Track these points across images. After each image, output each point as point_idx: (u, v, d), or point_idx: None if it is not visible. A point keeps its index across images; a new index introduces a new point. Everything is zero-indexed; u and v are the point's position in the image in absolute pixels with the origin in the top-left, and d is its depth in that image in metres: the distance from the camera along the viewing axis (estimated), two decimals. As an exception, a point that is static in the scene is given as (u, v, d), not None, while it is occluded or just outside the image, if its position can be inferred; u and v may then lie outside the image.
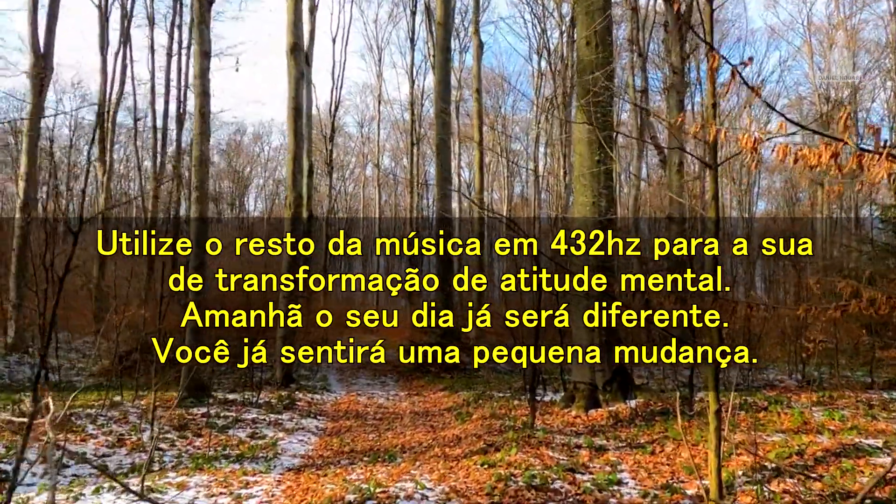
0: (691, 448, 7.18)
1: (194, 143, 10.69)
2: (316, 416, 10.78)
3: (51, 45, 19.23)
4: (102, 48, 24.93)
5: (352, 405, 11.92)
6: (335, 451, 8.43)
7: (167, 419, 9.87)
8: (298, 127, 13.05)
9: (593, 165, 9.84)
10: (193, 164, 10.67)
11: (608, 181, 10.06)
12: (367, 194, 48.70)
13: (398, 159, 45.75)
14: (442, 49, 17.42)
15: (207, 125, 10.78)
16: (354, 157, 51.11)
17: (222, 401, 10.84)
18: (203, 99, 10.65)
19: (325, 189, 31.86)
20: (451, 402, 11.90)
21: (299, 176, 13.16)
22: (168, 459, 7.77)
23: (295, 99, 13.03)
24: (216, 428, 9.37)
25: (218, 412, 10.19)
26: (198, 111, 10.64)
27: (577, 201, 10.13)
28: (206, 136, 10.66)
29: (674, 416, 8.85)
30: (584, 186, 10.03)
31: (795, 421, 8.04)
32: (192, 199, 10.67)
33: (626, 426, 8.65)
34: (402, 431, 9.59)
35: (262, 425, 9.76)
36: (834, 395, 9.49)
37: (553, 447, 7.45)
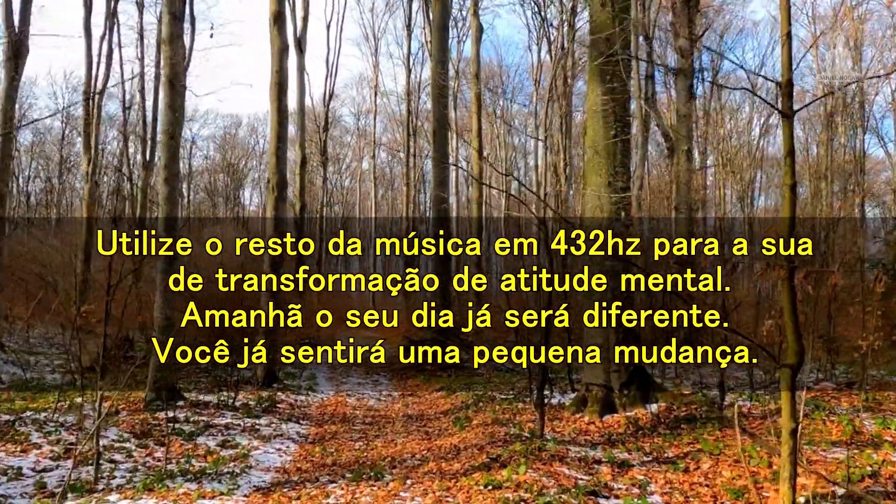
0: (732, 465, 5.99)
1: (163, 117, 9.45)
2: (298, 420, 9.56)
3: (26, 23, 17.95)
4: (87, 32, 23.60)
5: (339, 407, 10.71)
6: (316, 462, 7.22)
7: (128, 425, 8.65)
8: (282, 104, 11.82)
9: (608, 139, 8.64)
10: (161, 140, 9.44)
11: (625, 159, 8.85)
12: (364, 189, 47.43)
13: (395, 153, 44.49)
14: (439, 27, 16.19)
15: (179, 97, 9.54)
16: (351, 151, 49.90)
17: (195, 403, 9.62)
18: (172, 68, 9.41)
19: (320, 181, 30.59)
20: (449, 405, 10.70)
21: (283, 157, 11.94)
22: (120, 475, 6.55)
23: (279, 73, 11.79)
24: (183, 435, 8.15)
25: (188, 416, 8.97)
26: (166, 80, 9.40)
27: (590, 181, 8.92)
28: (175, 109, 9.43)
29: (702, 423, 7.66)
30: (597, 164, 8.81)
31: (846, 431, 6.85)
32: (160, 180, 9.43)
33: (648, 435, 7.46)
34: (394, 439, 8.38)
35: (236, 432, 8.54)
36: (879, 399, 8.32)
37: (568, 462, 6.24)
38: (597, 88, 8.73)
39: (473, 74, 20.54)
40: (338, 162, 50.12)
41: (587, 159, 9.04)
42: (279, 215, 11.79)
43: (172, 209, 9.45)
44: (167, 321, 9.36)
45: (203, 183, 51.40)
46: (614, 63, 8.51)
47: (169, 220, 9.43)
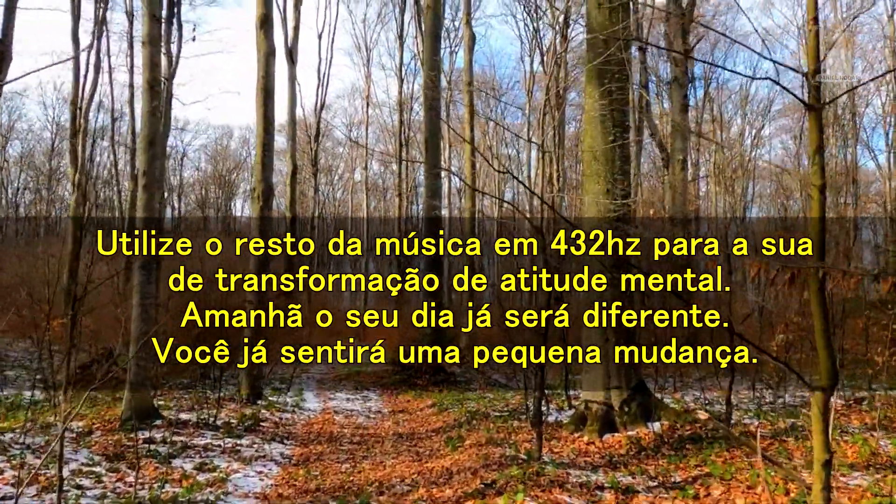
0: (746, 492, 5.54)
1: (143, 122, 8.99)
2: (283, 439, 9.04)
3: (9, 29, 17.43)
4: (75, 41, 23.15)
5: (326, 425, 10.20)
6: (298, 488, 6.72)
7: (100, 446, 8.13)
8: (269, 110, 11.38)
9: (607, 144, 8.23)
10: (140, 145, 8.98)
11: (625, 165, 8.45)
12: (357, 201, 46.96)
13: (387, 164, 44.09)
14: (431, 35, 15.82)
15: (158, 101, 9.09)
16: (343, 163, 49.48)
17: (174, 422, 9.09)
18: (152, 71, 8.96)
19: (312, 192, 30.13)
20: (441, 422, 10.21)
21: (269, 164, 11.47)
22: (85, 503, 6.05)
23: (265, 79, 11.36)
24: (158, 457, 7.63)
25: (165, 436, 8.45)
26: (146, 83, 8.95)
27: (588, 189, 8.50)
28: (154, 113, 8.97)
29: (708, 443, 7.21)
30: (595, 173, 8.40)
31: (862, 452, 6.41)
32: (140, 186, 8.96)
33: (652, 456, 7.00)
34: (382, 460, 7.88)
35: (216, 453, 8.02)
36: (891, 416, 7.90)
37: (569, 489, 5.77)
38: (594, 92, 8.33)
39: (466, 83, 20.20)
40: (330, 173, 49.73)
41: (585, 166, 8.63)
42: (264, 225, 11.32)
43: (152, 216, 8.97)
44: (144, 335, 8.85)
45: (194, 195, 50.85)
46: (612, 65, 8.12)
47: (148, 225, 8.94)
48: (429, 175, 15.62)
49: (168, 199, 51.23)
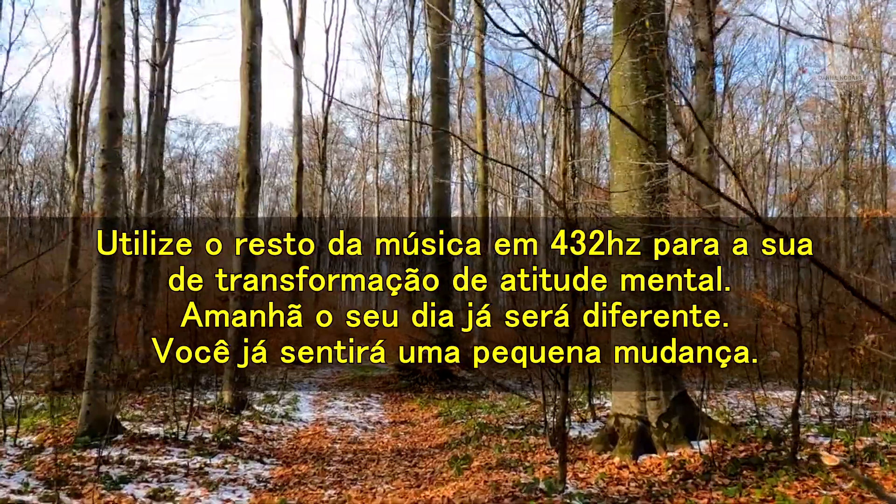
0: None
1: (102, 92, 7.72)
2: (262, 457, 7.68)
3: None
4: (75, 35, 22.13)
5: (316, 439, 8.82)
6: (266, 523, 5.37)
7: (44, 467, 6.81)
8: (254, 85, 10.07)
9: (638, 109, 6.82)
10: (99, 120, 7.69)
11: (660, 134, 7.01)
12: (369, 202, 45.72)
13: (400, 165, 42.82)
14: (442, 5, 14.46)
15: (120, 69, 7.80)
16: (355, 164, 48.29)
17: (137, 437, 7.76)
18: (113, 34, 7.68)
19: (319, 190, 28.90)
20: (446, 436, 8.81)
21: (255, 147, 10.15)
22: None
23: (250, 52, 10.06)
24: (108, 482, 6.31)
25: (123, 455, 7.13)
26: (106, 48, 7.67)
27: (617, 163, 7.09)
28: (114, 82, 7.69)
29: (771, 469, 5.75)
30: (625, 144, 6.97)
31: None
32: (98, 166, 7.67)
33: (702, 486, 5.55)
34: (374, 486, 6.49)
35: (178, 476, 6.68)
36: None
37: (603, 535, 4.36)
38: (624, 50, 6.91)
39: (477, 72, 18.83)
40: (342, 174, 48.59)
41: (612, 136, 7.21)
42: (250, 214, 9.98)
43: (112, 203, 7.67)
44: (105, 338, 7.55)
45: (207, 197, 49.95)
46: (645, 14, 6.71)
47: (108, 217, 7.64)
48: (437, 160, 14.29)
49: (181, 201, 50.35)
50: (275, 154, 51.49)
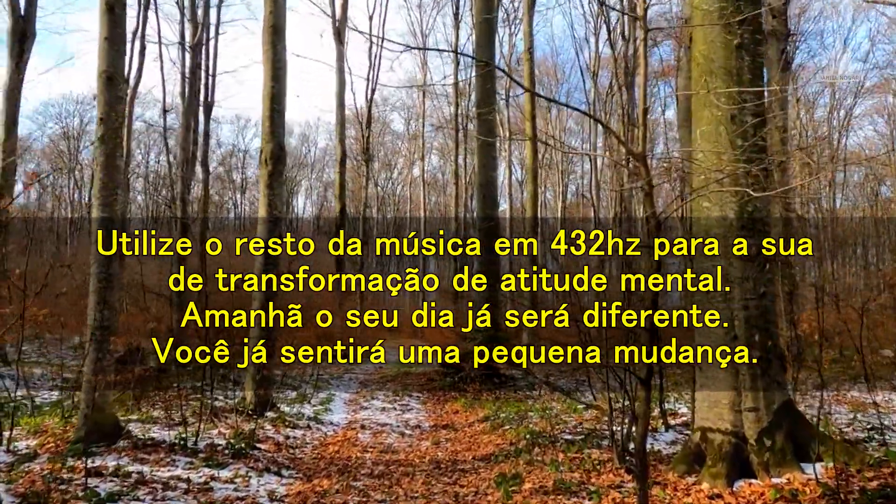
0: None
1: (99, 54, 6.72)
2: (281, 469, 6.57)
3: (33, 7, 15.91)
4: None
5: (345, 447, 7.67)
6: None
7: (28, 479, 5.83)
8: (278, 51, 8.97)
9: (729, 52, 5.41)
10: (97, 85, 6.69)
11: (757, 81, 5.56)
12: (417, 196, 44.76)
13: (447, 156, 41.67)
14: None
15: (121, 28, 6.81)
16: (402, 158, 47.41)
17: (141, 443, 6.74)
18: (112, -13, 6.68)
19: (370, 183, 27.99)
20: (493, 446, 7.54)
21: (279, 121, 9.05)
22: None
23: (273, 15, 8.95)
24: (95, 500, 5.29)
25: (120, 465, 6.11)
26: (104, 4, 6.67)
27: (700, 119, 5.68)
28: (114, 42, 6.69)
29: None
30: (710, 98, 5.56)
31: None
32: (97, 137, 6.68)
33: (830, 530, 4.14)
34: (404, 511, 5.30)
35: (176, 494, 5.61)
36: None
37: None
38: None
39: (526, 49, 17.43)
40: (389, 168, 47.75)
41: (694, 85, 5.79)
42: (273, 196, 8.89)
43: (111, 181, 6.69)
44: (103, 330, 6.57)
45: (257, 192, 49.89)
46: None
47: (106, 193, 6.66)
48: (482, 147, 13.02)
49: (232, 196, 50.44)
50: (322, 149, 51.10)
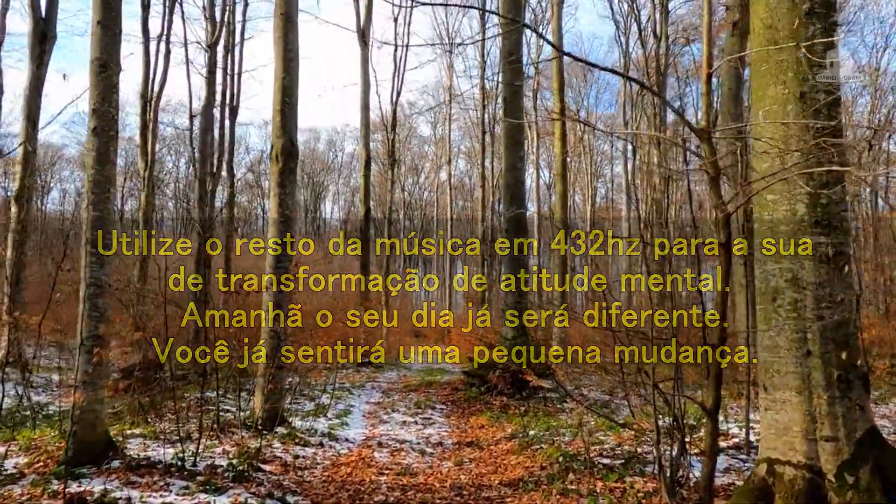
0: None
1: (91, 41, 6.15)
2: (286, 494, 5.88)
3: (53, 9, 15.65)
4: (144, 32, 21.39)
5: (358, 468, 6.96)
6: None
7: (2, 507, 5.27)
8: (289, 41, 8.34)
9: (796, 15, 4.60)
10: (90, 72, 6.12)
11: (829, 51, 4.73)
12: (444, 201, 44.15)
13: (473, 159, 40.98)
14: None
15: (112, 12, 6.23)
16: (429, 163, 46.86)
17: (135, 464, 6.11)
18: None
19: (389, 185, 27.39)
20: (522, 469, 6.76)
21: (291, 114, 8.42)
22: None
23: (285, 1, 8.37)
24: (72, 532, 4.66)
25: (107, 490, 5.48)
26: (96, -15, 6.12)
27: (761, 96, 4.87)
28: (108, 27, 6.12)
29: None
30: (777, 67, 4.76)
31: None
32: (89, 128, 6.11)
33: None
34: (418, 552, 4.55)
35: (165, 525, 4.97)
36: None
37: None
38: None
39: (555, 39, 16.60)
40: (416, 172, 47.21)
41: (755, 56, 4.97)
42: (285, 195, 8.24)
43: (104, 177, 6.10)
44: (94, 338, 5.97)
45: (285, 198, 49.87)
46: None
47: (98, 190, 6.08)
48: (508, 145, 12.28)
49: (260, 202, 50.38)
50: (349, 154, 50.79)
